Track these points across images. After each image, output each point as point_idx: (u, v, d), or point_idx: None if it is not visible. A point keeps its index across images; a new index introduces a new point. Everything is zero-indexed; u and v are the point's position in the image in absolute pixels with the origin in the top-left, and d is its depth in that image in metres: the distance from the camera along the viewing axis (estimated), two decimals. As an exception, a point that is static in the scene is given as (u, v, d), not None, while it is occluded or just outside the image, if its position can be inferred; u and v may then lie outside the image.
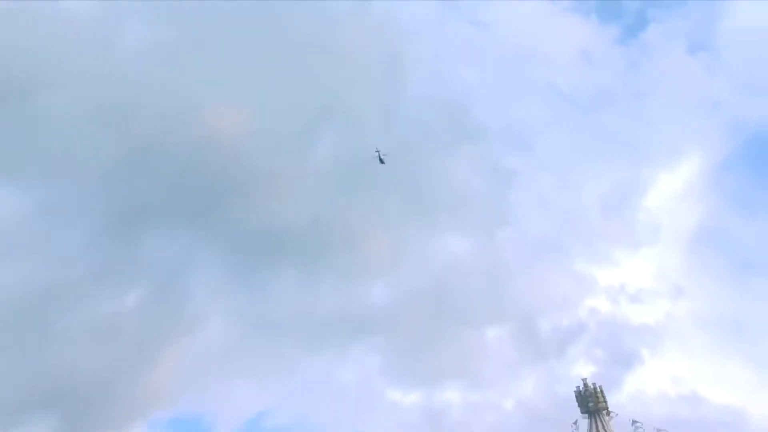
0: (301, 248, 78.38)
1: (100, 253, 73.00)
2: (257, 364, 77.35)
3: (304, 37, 75.16)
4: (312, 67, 76.04)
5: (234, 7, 72.16)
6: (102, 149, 70.27)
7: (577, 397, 31.39)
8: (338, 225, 76.96)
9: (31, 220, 69.74)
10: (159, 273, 75.57)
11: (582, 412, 30.92)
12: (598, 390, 30.79)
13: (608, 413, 30.26)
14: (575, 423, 30.88)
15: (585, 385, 31.34)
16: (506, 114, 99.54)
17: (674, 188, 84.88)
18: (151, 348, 70.22)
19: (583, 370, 56.00)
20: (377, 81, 78.82)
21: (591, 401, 30.47)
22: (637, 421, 29.29)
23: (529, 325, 74.39)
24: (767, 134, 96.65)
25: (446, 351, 71.95)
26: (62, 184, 73.52)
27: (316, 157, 77.80)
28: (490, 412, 65.37)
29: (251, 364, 78.14)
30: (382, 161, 46.09)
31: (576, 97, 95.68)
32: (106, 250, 73.50)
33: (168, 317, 72.70)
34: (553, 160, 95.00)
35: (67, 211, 72.64)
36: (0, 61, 65.76)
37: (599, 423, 29.63)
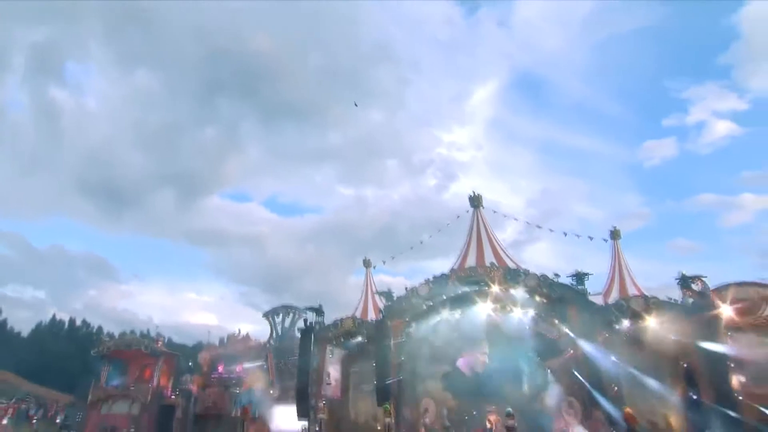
0: (302, 112, 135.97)
1: (195, 107, 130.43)
2: (274, 168, 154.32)
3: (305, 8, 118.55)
4: (309, 24, 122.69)
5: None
6: (196, 51, 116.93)
7: (469, 198, 38.15)
8: (320, 102, 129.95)
9: (160, 87, 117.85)
10: (226, 120, 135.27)
11: (471, 207, 37.95)
12: (480, 195, 37.60)
13: (482, 207, 37.74)
14: (467, 211, 38.15)
15: (473, 192, 37.89)
16: (407, 51, 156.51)
17: (483, 96, 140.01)
18: (219, 157, 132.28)
19: (429, 181, 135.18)
20: (348, 38, 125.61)
21: (475, 201, 37.53)
22: (497, 211, 39.70)
23: (407, 159, 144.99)
24: (530, 70, 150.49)
25: (367, 170, 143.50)
26: (174, 70, 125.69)
27: (309, 67, 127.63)
28: (386, 201, 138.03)
29: (271, 168, 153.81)
30: (356, 105, 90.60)
31: (443, 43, 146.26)
32: (199, 107, 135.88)
33: (229, 142, 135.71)
34: (429, 76, 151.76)
35: (178, 85, 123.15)
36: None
37: (478, 212, 37.10)
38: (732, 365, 23.72)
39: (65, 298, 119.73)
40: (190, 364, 40.96)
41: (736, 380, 23.92)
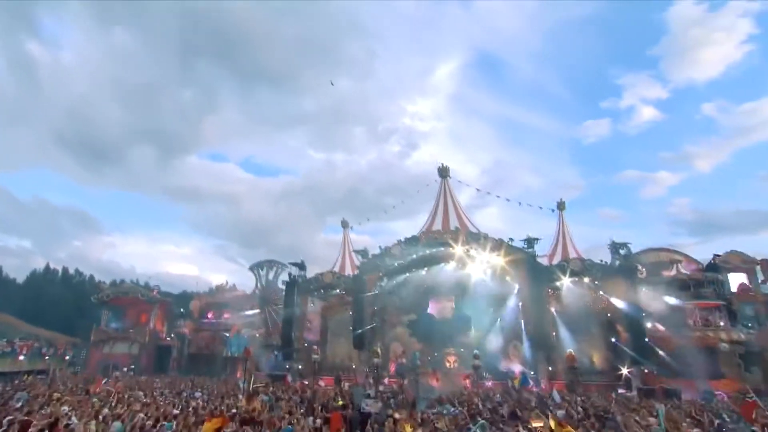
0: (277, 79, 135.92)
1: (174, 68, 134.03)
2: (250, 130, 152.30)
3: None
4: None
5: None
6: (174, 13, 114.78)
7: (438, 169, 40.10)
8: (294, 70, 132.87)
9: (138, 47, 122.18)
10: (203, 83, 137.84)
11: (439, 177, 39.84)
12: (447, 167, 39.82)
13: (449, 176, 39.68)
14: (436, 181, 40.08)
15: (442, 164, 39.88)
16: (377, 25, 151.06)
17: (446, 71, 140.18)
18: (198, 116, 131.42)
19: (393, 148, 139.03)
20: (322, 9, 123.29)
21: (443, 172, 39.42)
22: (463, 182, 41.58)
23: (374, 127, 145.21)
24: (489, 50, 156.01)
25: (337, 136, 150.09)
26: (152, 30, 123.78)
27: (284, 35, 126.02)
28: (354, 166, 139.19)
29: (247, 130, 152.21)
30: (332, 84, 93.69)
31: (411, 20, 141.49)
32: (178, 68, 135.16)
33: (207, 104, 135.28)
34: (396, 50, 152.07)
35: (157, 45, 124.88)
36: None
37: (445, 182, 39.06)
38: (644, 315, 28.00)
39: (51, 247, 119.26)
40: (182, 310, 43.25)
41: (647, 327, 28.34)
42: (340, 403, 15.92)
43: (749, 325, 29.54)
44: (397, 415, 12.71)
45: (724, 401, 18.79)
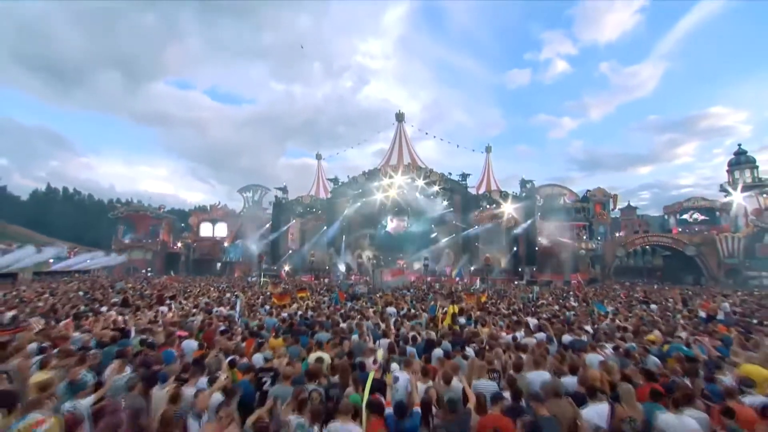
0: (238, 11, 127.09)
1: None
2: (214, 60, 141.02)
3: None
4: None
5: None
6: None
7: (395, 114, 42.77)
8: (255, 3, 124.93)
9: None
10: (164, 10, 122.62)
11: (397, 121, 42.66)
12: (403, 113, 42.76)
13: (404, 121, 42.81)
14: (393, 124, 43.02)
15: (399, 111, 42.43)
16: None
17: (395, 15, 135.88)
18: (164, 43, 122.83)
19: (346, 83, 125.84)
20: None
21: (400, 116, 42.16)
22: (425, 130, 46.20)
23: (329, 63, 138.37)
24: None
25: (295, 70, 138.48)
26: None
27: None
28: (310, 98, 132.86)
29: (211, 60, 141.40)
30: (302, 47, 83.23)
31: None
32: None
33: (170, 32, 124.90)
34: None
35: None
36: None
37: (401, 125, 43.19)
38: (537, 232, 35.38)
39: (28, 166, 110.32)
40: (182, 225, 45.69)
41: (538, 240, 35.92)
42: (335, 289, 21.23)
43: (599, 238, 38.32)
44: (378, 294, 18.07)
45: (573, 285, 26.52)
